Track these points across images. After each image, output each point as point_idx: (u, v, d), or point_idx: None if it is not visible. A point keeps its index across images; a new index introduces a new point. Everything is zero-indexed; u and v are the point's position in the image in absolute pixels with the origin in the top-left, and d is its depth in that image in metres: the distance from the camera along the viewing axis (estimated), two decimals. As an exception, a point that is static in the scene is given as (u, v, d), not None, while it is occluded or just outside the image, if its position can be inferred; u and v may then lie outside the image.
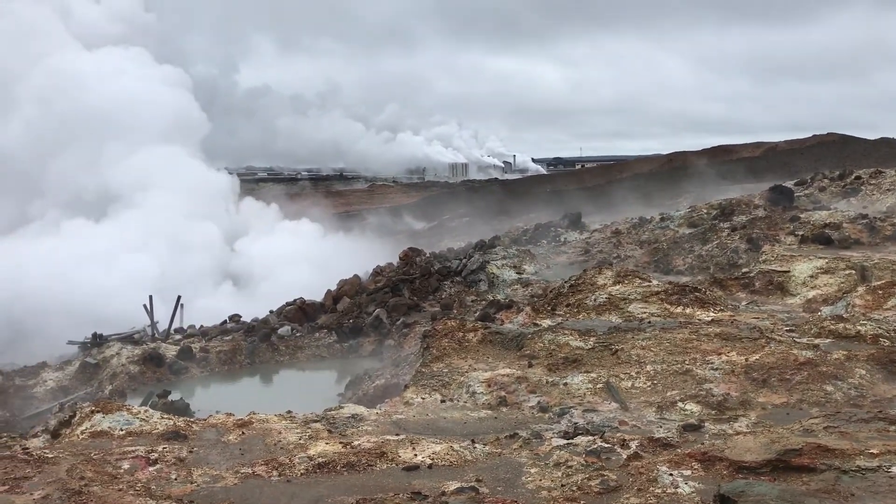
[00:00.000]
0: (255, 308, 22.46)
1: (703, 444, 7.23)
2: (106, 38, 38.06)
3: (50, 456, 7.24)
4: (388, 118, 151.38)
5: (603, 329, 11.66)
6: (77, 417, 8.95)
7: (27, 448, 7.89)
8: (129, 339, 18.80)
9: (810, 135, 67.95)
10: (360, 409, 9.44)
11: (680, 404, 8.75)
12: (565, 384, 9.76)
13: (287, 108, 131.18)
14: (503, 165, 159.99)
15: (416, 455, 7.23)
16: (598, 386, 9.61)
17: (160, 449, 7.60)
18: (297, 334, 19.06)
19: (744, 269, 17.19)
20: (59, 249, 26.58)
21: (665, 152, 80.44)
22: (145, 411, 9.01)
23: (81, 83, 34.24)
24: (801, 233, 18.82)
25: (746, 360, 9.69)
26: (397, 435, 7.96)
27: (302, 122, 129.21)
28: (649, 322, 11.98)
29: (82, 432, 8.41)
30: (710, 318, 12.12)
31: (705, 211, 23.50)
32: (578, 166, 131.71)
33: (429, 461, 7.08)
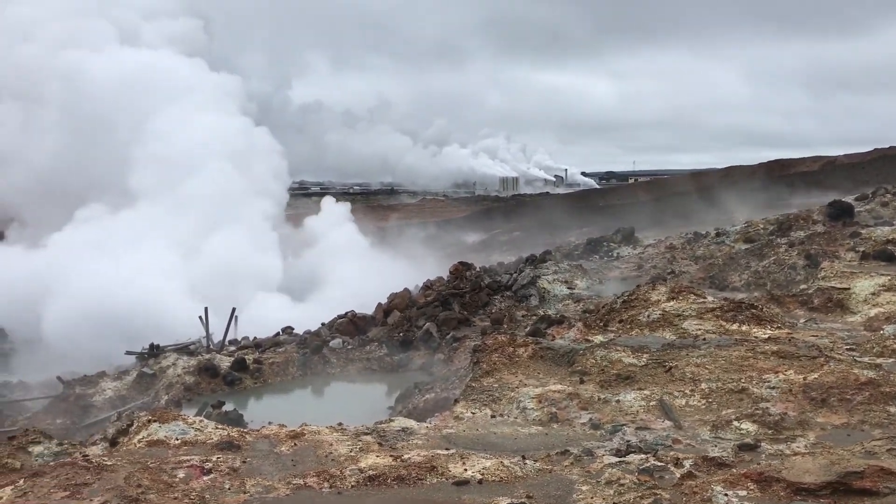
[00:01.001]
0: (307, 320, 22.68)
1: (759, 464, 7.08)
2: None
3: (108, 463, 7.41)
4: (436, 132, 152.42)
5: (656, 346, 11.50)
6: (134, 426, 9.15)
7: (87, 455, 8.08)
8: (184, 349, 19.15)
9: (871, 148, 66.29)
10: (411, 423, 9.46)
11: (735, 423, 8.57)
12: (618, 401, 9.65)
13: (338, 123, 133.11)
14: (554, 179, 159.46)
15: (466, 470, 7.21)
16: (651, 403, 9.48)
17: (214, 458, 7.72)
18: (349, 347, 19.19)
19: (802, 286, 16.79)
20: (120, 259, 27.22)
21: (720, 166, 79.32)
22: (200, 421, 9.17)
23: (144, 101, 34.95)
24: (861, 249, 18.31)
25: (805, 379, 9.45)
26: (447, 449, 7.95)
27: (351, 137, 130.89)
28: (704, 339, 11.77)
29: (139, 441, 8.59)
30: (766, 336, 11.85)
31: (762, 226, 23.06)
32: (631, 180, 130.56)
33: (479, 476, 7.06)
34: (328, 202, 40.99)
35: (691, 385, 9.90)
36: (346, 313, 21.94)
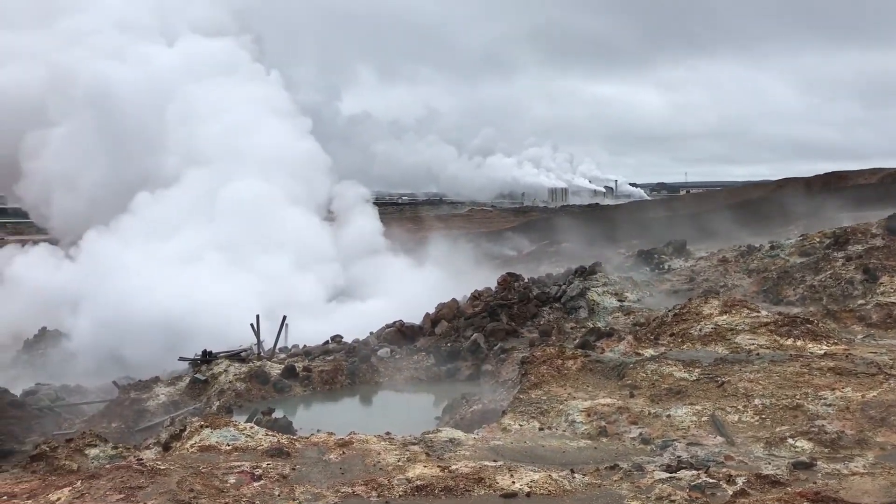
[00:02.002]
0: (355, 328, 22.79)
1: (815, 483, 6.91)
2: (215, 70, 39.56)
3: (162, 467, 7.56)
4: (483, 143, 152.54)
5: (708, 360, 11.33)
6: (187, 431, 9.32)
7: (141, 459, 8.25)
8: (236, 356, 19.40)
9: (932, 160, 64.35)
10: (458, 434, 9.45)
11: (790, 441, 8.38)
12: (668, 416, 9.51)
13: (385, 133, 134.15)
14: (604, 190, 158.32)
15: (514, 482, 7.18)
16: (702, 419, 9.32)
17: (264, 465, 7.82)
18: (396, 356, 19.25)
19: (859, 301, 16.37)
20: (174, 267, 27.75)
21: (774, 178, 77.85)
22: (251, 427, 9.30)
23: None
24: (923, 264, 17.80)
25: (863, 396, 9.21)
26: (495, 461, 7.93)
27: (397, 147, 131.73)
28: (758, 354, 11.56)
29: (192, 446, 8.74)
30: (822, 352, 11.58)
31: (818, 239, 22.54)
32: (683, 192, 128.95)
33: (527, 489, 7.02)
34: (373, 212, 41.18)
35: (744, 401, 9.71)
36: (394, 323, 22.02)
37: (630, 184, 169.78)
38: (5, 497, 7.14)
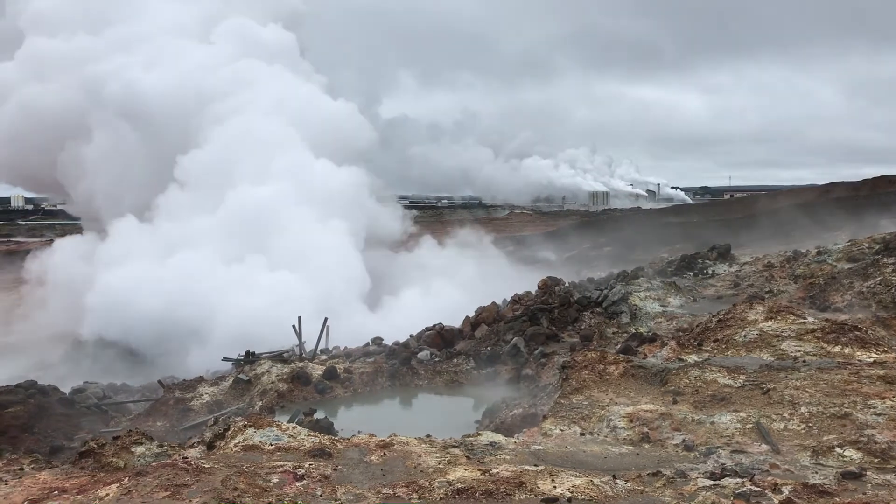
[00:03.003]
0: (395, 331, 22.88)
1: (864, 494, 6.76)
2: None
3: (206, 466, 7.67)
4: (521, 146, 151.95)
5: (753, 367, 11.16)
6: (231, 431, 9.44)
7: (186, 457, 8.38)
8: (278, 357, 19.61)
9: None
10: (499, 438, 9.44)
11: (838, 450, 8.20)
12: (712, 423, 9.38)
13: (423, 136, 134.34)
14: (646, 194, 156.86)
15: (555, 487, 7.14)
16: (747, 426, 9.17)
17: (307, 465, 7.89)
18: (436, 359, 19.29)
19: (911, 308, 15.99)
20: (219, 269, 28.15)
21: (820, 182, 76.40)
22: (293, 428, 9.39)
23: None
24: (977, 270, 17.32)
25: (915, 406, 8.99)
26: (536, 465, 7.89)
27: (435, 150, 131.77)
28: (804, 361, 11.34)
29: (235, 445, 8.85)
30: (871, 360, 11.33)
31: (867, 245, 22.06)
32: (727, 196, 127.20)
33: (568, 494, 6.97)
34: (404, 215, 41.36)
35: (790, 408, 9.54)
36: (434, 326, 22.07)
37: (672, 187, 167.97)
38: (56, 492, 7.31)
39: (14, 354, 28.76)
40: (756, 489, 6.84)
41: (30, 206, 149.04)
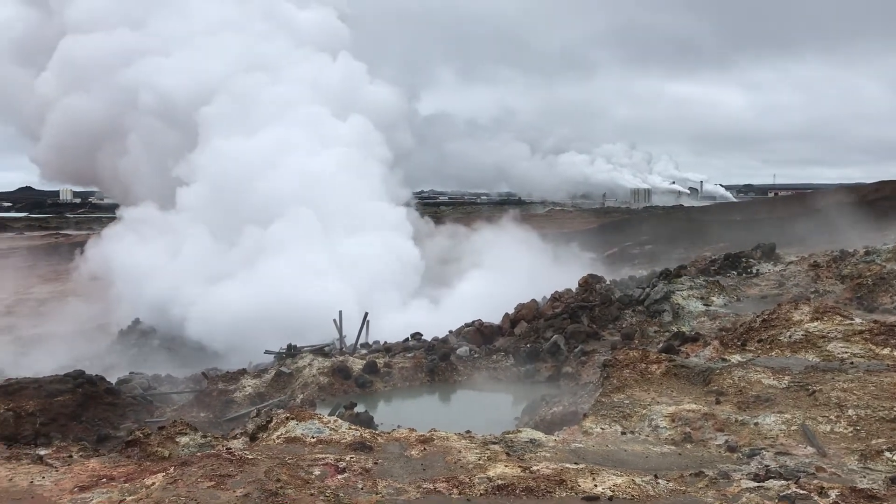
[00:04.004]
0: (433, 326, 22.90)
1: (914, 500, 6.62)
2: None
3: (250, 457, 7.78)
4: (559, 142, 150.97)
5: (799, 368, 10.98)
6: (273, 423, 9.57)
7: (230, 448, 8.51)
8: (319, 351, 19.79)
9: None
10: (539, 435, 9.42)
11: (887, 454, 8.03)
12: (756, 424, 9.25)
13: (460, 133, 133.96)
14: (688, 192, 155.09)
15: (595, 486, 7.11)
16: (792, 428, 9.03)
17: (348, 458, 7.97)
18: (475, 355, 19.30)
19: (964, 311, 15.58)
20: (265, 265, 28.44)
21: (868, 181, 74.70)
22: (334, 421, 9.48)
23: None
24: None
25: (967, 411, 8.76)
26: (576, 464, 7.87)
27: (471, 146, 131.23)
28: (851, 363, 11.12)
29: (278, 437, 8.97)
30: (923, 363, 11.07)
31: (918, 245, 21.55)
32: (771, 194, 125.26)
33: (609, 493, 6.94)
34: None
35: (837, 411, 9.37)
36: (474, 322, 22.08)
37: (717, 185, 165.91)
38: (104, 479, 7.47)
39: (63, 344, 29.38)
40: (801, 492, 6.74)
41: (77, 200, 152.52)
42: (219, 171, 33.09)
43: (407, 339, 21.65)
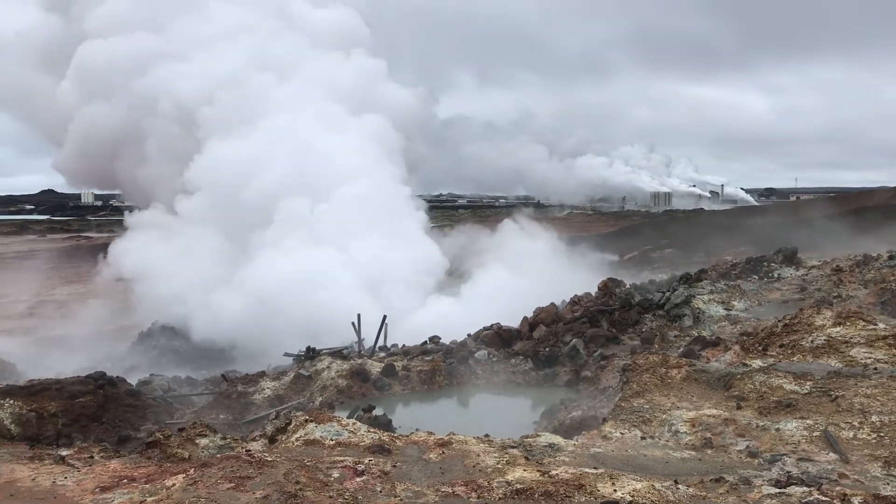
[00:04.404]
0: (451, 329, 22.86)
1: (940, 508, 6.53)
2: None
3: (269, 459, 7.81)
4: (577, 145, 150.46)
5: (821, 373, 10.87)
6: (292, 425, 9.59)
7: (249, 450, 8.55)
8: (338, 354, 19.83)
9: None
10: (557, 439, 9.38)
11: (911, 461, 7.93)
12: (777, 429, 9.17)
13: (478, 135, 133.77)
14: (709, 195, 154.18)
15: (615, 490, 7.07)
16: (814, 434, 8.94)
17: (366, 461, 7.97)
18: (494, 359, 19.26)
19: None
20: (287, 266, 28.56)
21: (891, 184, 73.93)
22: (353, 424, 9.49)
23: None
24: None
25: None
26: (595, 468, 7.83)
27: (488, 149, 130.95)
28: (875, 368, 11.00)
29: (297, 439, 8.99)
30: (948, 369, 10.92)
31: (942, 249, 21.26)
32: (793, 197, 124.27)
33: (629, 498, 6.89)
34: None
35: (860, 417, 9.27)
36: (492, 325, 22.03)
37: (738, 188, 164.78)
38: (125, 480, 7.53)
39: (84, 346, 29.68)
40: (824, 499, 6.67)
41: (99, 203, 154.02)
42: (227, 172, 33.26)
43: (425, 343, 21.64)
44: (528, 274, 31.04)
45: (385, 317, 22.15)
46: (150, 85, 38.86)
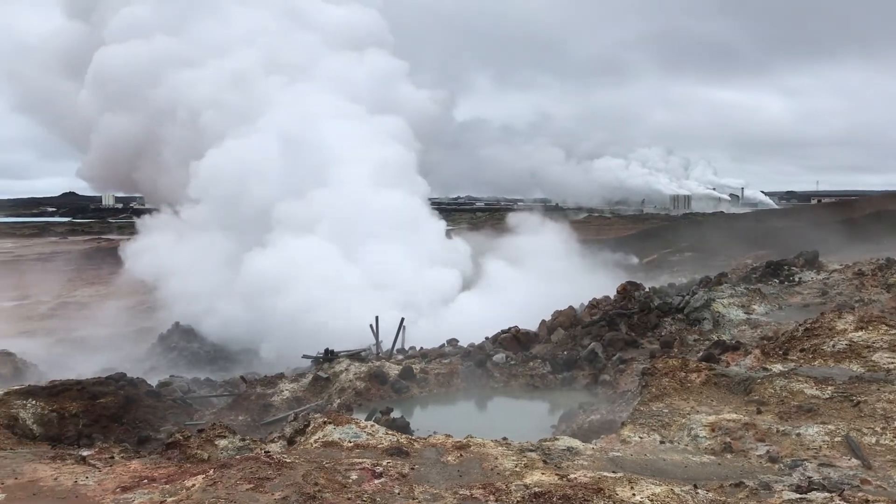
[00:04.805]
0: (469, 331, 22.84)
1: (964, 515, 6.44)
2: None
3: (288, 460, 7.84)
4: (595, 147, 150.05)
5: (842, 378, 10.76)
6: (311, 427, 9.63)
7: (269, 452, 8.59)
8: (356, 356, 19.88)
9: None
10: (576, 443, 9.34)
11: (935, 468, 7.84)
12: (798, 434, 9.08)
13: (495, 138, 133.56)
14: (728, 198, 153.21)
15: (634, 495, 7.03)
16: (835, 439, 8.85)
17: (384, 463, 7.98)
18: (512, 362, 19.22)
19: None
20: (300, 270, 28.68)
21: (915, 187, 73.19)
22: (371, 426, 9.52)
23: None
24: None
25: None
26: (614, 472, 7.79)
27: (505, 151, 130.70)
28: (898, 374, 10.88)
29: (315, 441, 9.03)
30: (973, 374, 10.78)
31: (966, 253, 21.01)
32: (814, 201, 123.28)
33: (648, 502, 6.86)
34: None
35: (882, 422, 9.16)
36: (510, 328, 21.98)
37: (758, 191, 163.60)
38: (146, 480, 7.58)
39: (104, 347, 29.95)
40: (846, 505, 6.61)
41: (119, 205, 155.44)
42: (233, 177, 33.38)
43: (443, 345, 21.65)
44: (545, 276, 30.97)
45: (403, 319, 22.19)
46: (167, 94, 39.12)
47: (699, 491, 7.19)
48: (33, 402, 15.21)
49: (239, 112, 36.21)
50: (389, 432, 9.35)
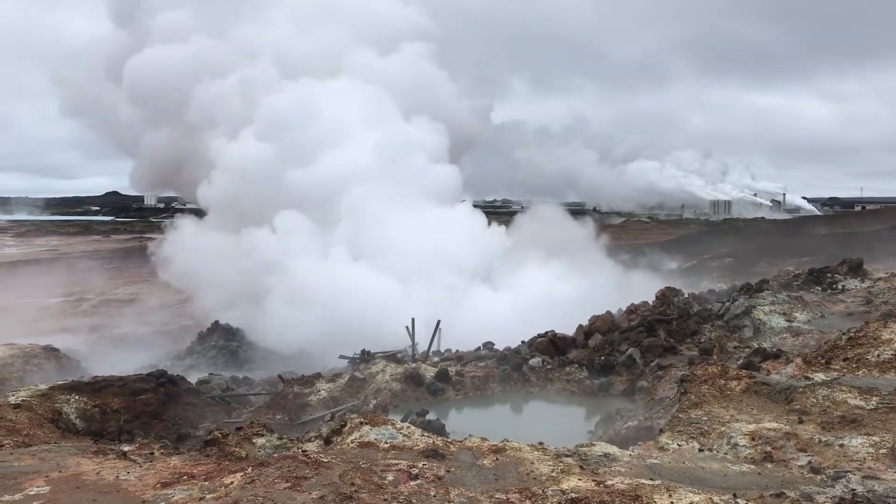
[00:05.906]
0: (503, 335, 22.75)
1: None
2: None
3: (325, 460, 7.89)
4: (631, 150, 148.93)
5: (888, 388, 10.54)
6: (347, 427, 9.67)
7: (306, 451, 8.65)
8: (392, 357, 19.94)
9: None
10: (613, 449, 9.27)
11: (985, 483, 7.63)
12: (841, 445, 8.91)
13: (531, 141, 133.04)
14: (770, 204, 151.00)
15: (672, 503, 6.96)
16: (881, 451, 8.66)
17: (420, 465, 7.99)
18: (548, 367, 19.13)
19: None
20: (335, 270, 28.84)
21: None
22: (407, 427, 9.53)
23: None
24: None
25: None
26: (652, 479, 7.71)
27: (540, 154, 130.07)
28: (946, 385, 10.62)
29: (352, 441, 9.07)
30: None
31: None
32: (858, 207, 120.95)
33: (686, 511, 6.78)
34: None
35: (930, 435, 8.95)
36: (546, 333, 21.86)
37: (801, 197, 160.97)
38: (185, 477, 7.68)
39: (145, 344, 30.42)
40: (891, 519, 6.46)
41: (161, 205, 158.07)
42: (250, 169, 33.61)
43: (479, 348, 21.62)
44: (582, 279, 30.77)
45: (439, 322, 22.20)
46: (205, 104, 39.46)
47: (739, 500, 7.08)
48: (76, 396, 15.52)
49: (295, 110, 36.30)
50: (425, 434, 9.36)
